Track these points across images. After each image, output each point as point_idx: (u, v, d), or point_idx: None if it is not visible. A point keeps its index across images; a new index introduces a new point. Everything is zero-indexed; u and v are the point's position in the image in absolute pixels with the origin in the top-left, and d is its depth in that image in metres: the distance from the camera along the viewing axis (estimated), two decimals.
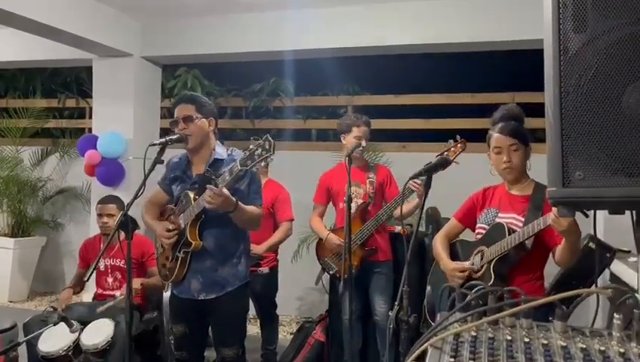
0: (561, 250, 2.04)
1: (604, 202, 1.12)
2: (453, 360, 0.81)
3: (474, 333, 0.90)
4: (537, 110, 4.97)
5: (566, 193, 1.13)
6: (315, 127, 6.09)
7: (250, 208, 2.56)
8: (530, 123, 3.64)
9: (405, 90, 5.67)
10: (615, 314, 0.91)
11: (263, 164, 2.51)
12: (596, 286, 1.91)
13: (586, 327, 0.96)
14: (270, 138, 2.22)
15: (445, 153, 3.09)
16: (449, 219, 4.07)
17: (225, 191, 2.36)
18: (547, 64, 1.18)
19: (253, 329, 4.66)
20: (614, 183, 1.08)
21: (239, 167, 2.28)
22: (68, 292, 3.48)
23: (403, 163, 3.67)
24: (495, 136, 2.30)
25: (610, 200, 1.10)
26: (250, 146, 2.26)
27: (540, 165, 2.33)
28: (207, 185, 2.36)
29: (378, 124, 5.77)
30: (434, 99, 5.63)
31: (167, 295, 3.47)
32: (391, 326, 1.74)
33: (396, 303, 1.77)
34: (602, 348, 0.85)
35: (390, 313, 1.79)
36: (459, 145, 3.08)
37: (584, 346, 0.87)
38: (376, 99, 5.92)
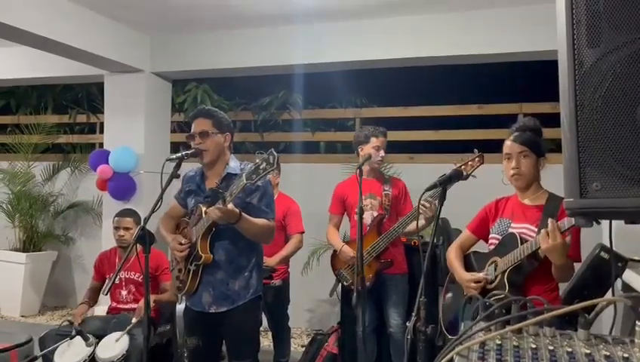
0: (552, 268, 2.12)
1: (622, 212, 1.14)
2: None
3: (499, 342, 0.92)
4: (545, 120, 5.00)
5: (584, 204, 1.15)
6: (324, 140, 6.12)
7: (259, 221, 2.58)
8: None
9: (413, 102, 5.71)
10: (637, 322, 0.93)
11: (268, 177, 2.54)
12: (612, 292, 1.92)
13: (608, 335, 0.98)
14: (274, 152, 2.26)
15: (462, 166, 3.06)
16: (459, 230, 4.10)
17: (230, 205, 2.39)
18: (562, 78, 1.21)
19: (265, 341, 4.67)
20: (631, 194, 1.10)
21: (244, 181, 2.32)
22: (83, 308, 3.51)
23: (411, 174, 3.70)
24: (506, 143, 2.34)
25: (628, 211, 1.12)
26: (257, 160, 2.31)
27: (547, 174, 2.37)
28: (217, 203, 2.41)
29: None
30: (442, 110, 5.66)
31: (180, 307, 3.50)
32: (408, 336, 1.75)
33: (413, 314, 1.79)
34: (626, 355, 0.87)
35: (408, 323, 1.80)
36: (476, 158, 3.03)
37: (608, 353, 0.88)
38: (383, 111, 5.96)
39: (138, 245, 2.42)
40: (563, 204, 1.20)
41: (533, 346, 0.91)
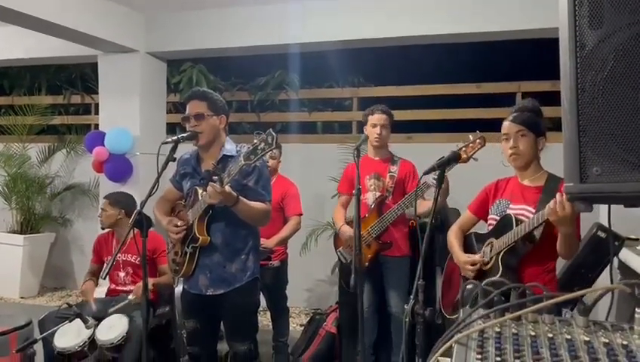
0: (558, 242, 2.08)
1: (622, 197, 1.13)
2: (479, 356, 0.83)
3: (498, 329, 0.92)
4: (545, 98, 4.98)
5: (584, 188, 1.14)
6: (321, 120, 6.08)
7: (256, 204, 2.57)
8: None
9: (411, 81, 5.66)
10: (637, 309, 0.93)
11: (267, 157, 2.51)
12: (611, 276, 1.93)
13: (607, 322, 0.98)
14: (273, 132, 2.24)
15: (463, 148, 3.03)
16: (456, 210, 4.11)
17: (227, 188, 2.37)
18: (563, 60, 1.18)
19: (264, 320, 4.71)
20: (632, 178, 1.09)
21: (243, 162, 2.30)
22: (91, 284, 3.49)
23: (408, 154, 3.67)
24: (504, 124, 2.32)
25: (628, 195, 1.11)
26: (254, 141, 2.29)
27: (546, 153, 2.36)
28: (210, 182, 2.38)
29: None
30: (439, 89, 5.62)
31: (178, 289, 3.52)
32: (407, 319, 1.76)
33: (411, 296, 1.79)
34: (625, 342, 0.87)
35: (405, 306, 1.81)
36: (478, 140, 2.99)
37: (607, 340, 0.88)
38: (381, 91, 5.91)
39: (135, 229, 2.41)
40: (563, 188, 1.19)
41: (532, 334, 0.91)
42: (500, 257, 2.21)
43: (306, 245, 4.93)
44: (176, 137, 2.47)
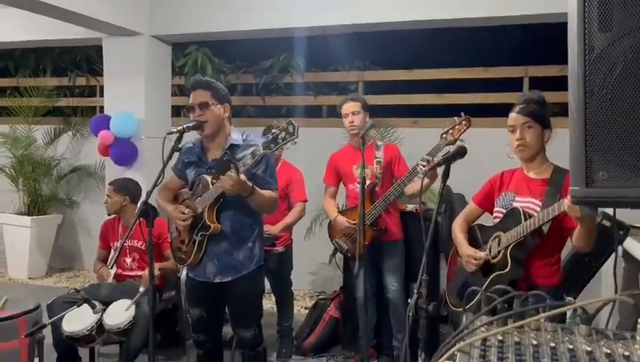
0: (578, 235, 2.06)
1: (628, 202, 1.13)
2: None
3: (500, 337, 0.93)
4: (552, 83, 4.93)
5: (589, 193, 1.14)
6: (326, 104, 6.04)
7: (267, 192, 2.60)
8: (545, 97, 3.63)
9: (417, 65, 5.61)
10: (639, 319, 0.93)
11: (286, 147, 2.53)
12: (615, 266, 1.93)
13: (609, 330, 0.99)
14: (294, 122, 2.27)
15: (450, 131, 3.09)
16: (461, 196, 4.11)
17: (242, 177, 2.39)
18: (572, 63, 1.17)
19: (268, 304, 4.76)
20: (638, 184, 1.09)
21: (262, 151, 2.33)
22: (106, 270, 3.53)
23: (414, 139, 3.66)
24: (510, 115, 2.31)
25: (634, 201, 1.11)
26: (273, 130, 2.32)
27: (553, 140, 2.34)
28: (228, 172, 2.39)
29: (389, 99, 5.75)
30: (446, 73, 5.57)
31: (183, 275, 3.56)
32: (410, 313, 1.78)
33: (415, 291, 1.81)
34: (626, 353, 0.88)
35: (410, 300, 1.82)
36: (463, 122, 3.06)
37: (609, 351, 0.89)
38: (387, 75, 5.86)
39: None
40: (569, 192, 1.18)
41: (535, 342, 0.92)
42: (508, 251, 2.21)
43: (310, 230, 4.95)
44: (181, 127, 2.48)
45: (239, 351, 2.94)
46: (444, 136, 3.09)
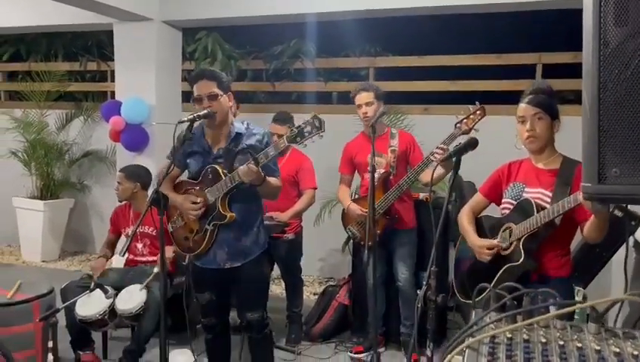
0: (590, 227, 2.05)
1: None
2: None
3: (509, 335, 0.94)
4: (565, 70, 4.86)
5: (601, 190, 1.13)
6: (337, 90, 6.02)
7: (273, 180, 2.68)
8: (557, 84, 3.58)
9: (429, 51, 5.55)
10: None
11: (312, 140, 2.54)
12: (626, 257, 1.92)
13: (619, 329, 0.99)
14: (319, 117, 2.35)
15: (464, 120, 3.06)
16: (471, 183, 4.09)
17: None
18: (586, 57, 1.16)
19: (278, 289, 4.81)
20: None
21: (286, 143, 2.41)
22: (102, 262, 3.58)
23: (425, 126, 3.64)
24: (520, 106, 2.28)
25: None
26: (299, 124, 2.40)
27: (565, 127, 2.32)
28: (248, 164, 2.46)
29: (400, 86, 5.70)
30: (458, 60, 5.51)
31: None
32: (419, 305, 1.79)
33: (424, 282, 1.81)
34: (635, 352, 0.88)
35: (418, 292, 1.83)
36: (478, 112, 3.02)
37: (618, 350, 0.89)
38: (399, 61, 5.81)
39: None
40: (580, 188, 1.18)
41: (544, 340, 0.92)
42: (521, 243, 2.21)
43: (320, 216, 4.96)
44: (192, 116, 2.49)
45: (246, 335, 2.99)
46: (458, 125, 3.05)
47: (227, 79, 2.71)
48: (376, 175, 3.41)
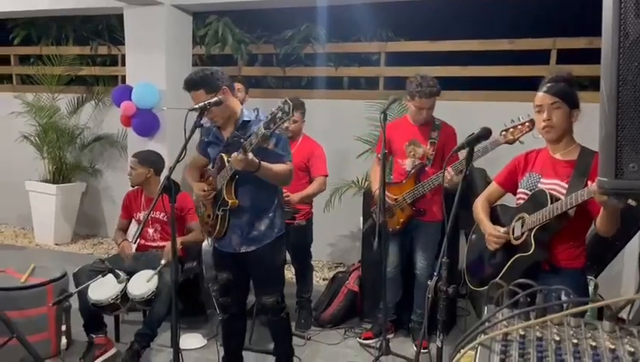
0: (601, 220, 2.02)
1: None
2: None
3: (522, 332, 0.93)
4: (580, 56, 4.77)
5: (618, 184, 1.11)
6: (347, 75, 5.96)
7: (277, 166, 2.68)
8: (572, 70, 3.51)
9: (441, 36, 5.47)
10: None
11: (285, 125, 2.64)
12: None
13: (634, 327, 0.98)
14: (289, 101, 2.33)
15: (511, 130, 2.90)
16: (482, 170, 4.06)
17: (249, 155, 2.47)
18: (605, 49, 1.13)
19: (288, 275, 4.82)
20: None
21: (262, 131, 2.41)
22: (128, 245, 3.61)
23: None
24: (537, 95, 2.23)
25: None
26: (272, 110, 2.38)
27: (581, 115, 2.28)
28: (235, 152, 2.49)
29: (411, 71, 5.62)
30: (471, 45, 5.42)
31: (205, 245, 3.63)
32: (429, 295, 1.79)
33: (435, 273, 1.81)
34: None
35: (429, 282, 1.83)
36: (527, 123, 2.85)
37: (632, 349, 0.89)
38: (410, 45, 5.74)
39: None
40: (596, 182, 1.16)
41: (557, 338, 0.92)
42: (533, 233, 2.19)
43: (330, 202, 4.96)
44: (202, 103, 2.52)
45: (264, 318, 3.04)
46: (503, 132, 2.90)
47: (215, 74, 2.70)
48: (410, 164, 3.43)
